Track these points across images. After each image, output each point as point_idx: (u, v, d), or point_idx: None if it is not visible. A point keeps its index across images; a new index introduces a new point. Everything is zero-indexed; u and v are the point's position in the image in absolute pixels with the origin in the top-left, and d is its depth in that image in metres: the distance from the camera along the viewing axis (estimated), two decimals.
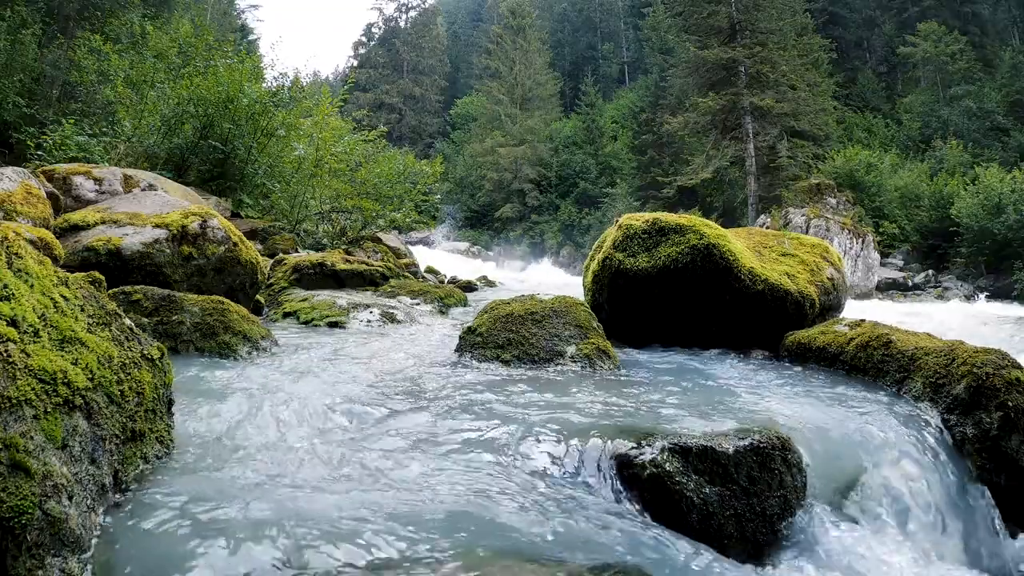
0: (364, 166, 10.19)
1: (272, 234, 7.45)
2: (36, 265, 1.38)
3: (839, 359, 2.76)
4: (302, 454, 1.61)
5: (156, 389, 1.53)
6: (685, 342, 3.36)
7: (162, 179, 6.14)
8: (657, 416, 1.94)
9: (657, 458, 1.56)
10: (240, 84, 8.35)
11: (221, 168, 8.65)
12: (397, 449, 1.65)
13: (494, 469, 1.56)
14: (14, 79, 12.57)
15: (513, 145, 38.32)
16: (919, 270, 22.09)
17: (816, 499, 1.70)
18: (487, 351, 2.77)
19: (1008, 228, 19.55)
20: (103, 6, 15.53)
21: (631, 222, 3.37)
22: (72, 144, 8.03)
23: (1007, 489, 2.01)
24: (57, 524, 1.03)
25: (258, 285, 4.09)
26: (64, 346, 1.27)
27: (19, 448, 1.02)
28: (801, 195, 22.92)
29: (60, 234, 3.47)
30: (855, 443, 1.93)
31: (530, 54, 41.64)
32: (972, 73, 31.89)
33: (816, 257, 3.76)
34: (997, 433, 2.05)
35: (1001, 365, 2.16)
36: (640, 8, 45.33)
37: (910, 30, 34.04)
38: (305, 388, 2.23)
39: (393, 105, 48.39)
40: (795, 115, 25.40)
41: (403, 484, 1.46)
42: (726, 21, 26.50)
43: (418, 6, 55.32)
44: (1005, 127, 28.40)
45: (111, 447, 1.29)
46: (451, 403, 2.08)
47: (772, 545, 1.56)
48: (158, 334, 2.55)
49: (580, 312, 2.99)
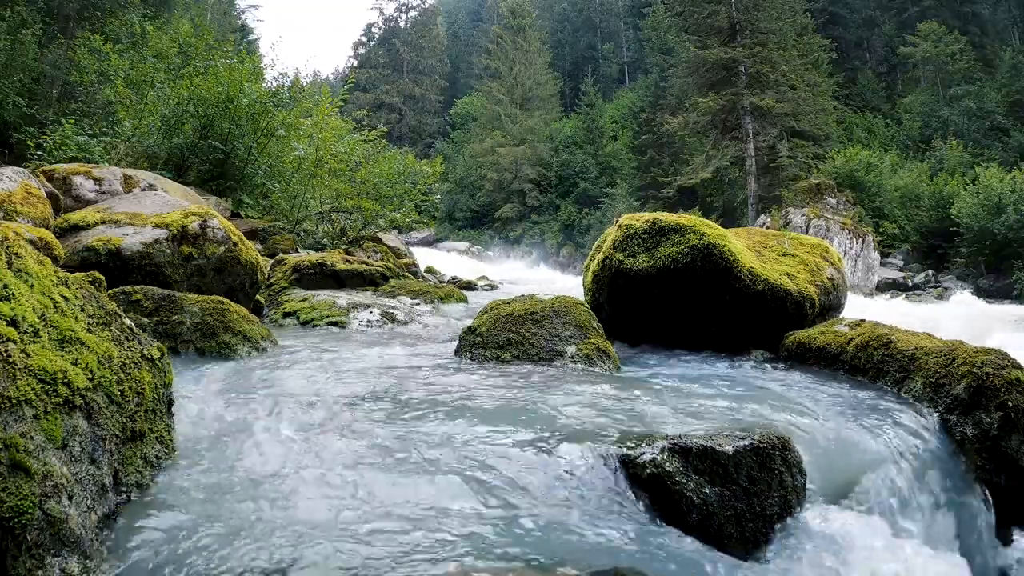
0: (364, 166, 10.19)
1: (272, 234, 7.45)
2: (36, 265, 1.38)
3: (839, 359, 2.76)
4: (302, 453, 1.61)
5: (156, 389, 1.53)
6: (685, 342, 3.36)
7: (162, 179, 6.14)
8: (657, 416, 1.94)
9: (657, 458, 1.56)
10: (240, 84, 8.35)
11: (221, 168, 8.65)
12: (396, 449, 1.65)
13: (493, 469, 1.56)
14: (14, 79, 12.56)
15: (513, 145, 38.32)
16: (919, 270, 22.10)
17: (816, 499, 1.70)
18: (487, 351, 2.77)
19: (1008, 228, 19.55)
20: (103, 6, 15.53)
21: (631, 222, 3.37)
22: (72, 144, 8.03)
23: (1007, 489, 2.01)
24: (57, 524, 1.03)
25: (258, 285, 4.09)
26: (64, 346, 1.27)
27: (19, 448, 1.02)
28: (801, 195, 22.92)
29: (60, 234, 3.47)
30: (855, 443, 1.93)
31: (530, 54, 41.66)
32: (972, 73, 31.90)
33: (816, 257, 3.76)
34: (997, 433, 2.05)
35: (1001, 365, 2.17)
36: (640, 8, 45.33)
37: (910, 30, 34.05)
38: (305, 388, 2.23)
39: (393, 105, 48.41)
40: (795, 115, 25.41)
41: (403, 484, 1.46)
42: (726, 21, 26.50)
43: (418, 6, 55.35)
44: (1005, 127, 28.41)
45: (111, 447, 1.29)
46: (450, 403, 2.08)
47: (772, 544, 1.56)
48: (158, 334, 2.55)
49: (580, 312, 2.99)
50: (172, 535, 1.19)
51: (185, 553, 1.14)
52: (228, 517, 1.25)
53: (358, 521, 1.28)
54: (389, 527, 1.26)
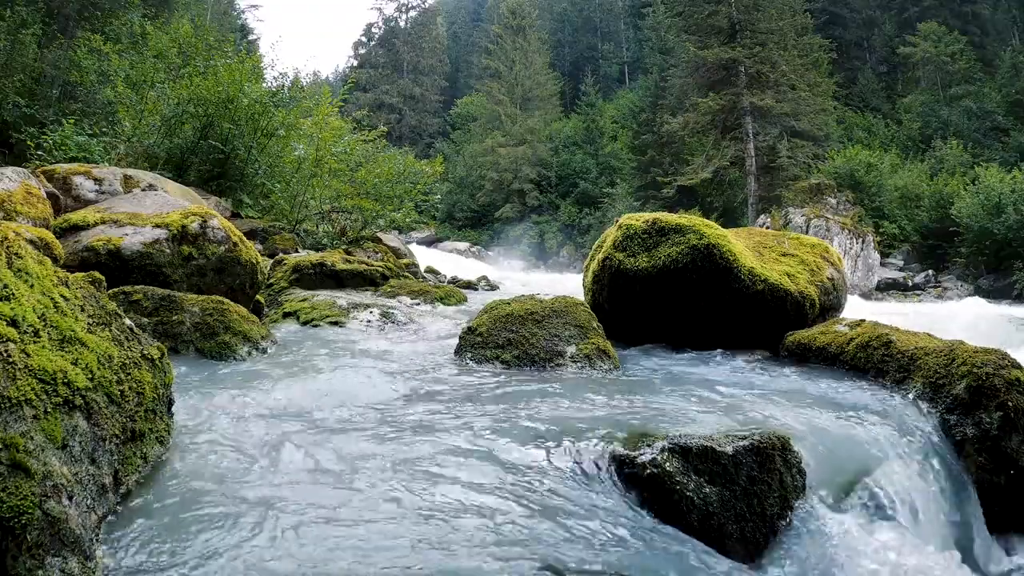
0: (364, 166, 10.18)
1: (272, 234, 7.45)
2: (36, 265, 1.38)
3: (839, 359, 2.75)
4: (301, 453, 1.61)
5: (156, 389, 1.53)
6: (685, 342, 3.36)
7: (162, 179, 6.14)
8: (657, 416, 1.94)
9: (657, 458, 1.56)
10: (240, 84, 8.35)
11: (221, 168, 8.64)
12: (396, 448, 1.65)
13: (494, 469, 1.56)
14: (14, 79, 12.55)
15: (513, 145, 38.31)
16: (919, 270, 22.08)
17: (815, 499, 1.70)
18: (487, 351, 2.77)
19: (1008, 228, 19.53)
20: (103, 6, 15.52)
21: (631, 222, 3.37)
22: (72, 144, 8.02)
23: (1007, 489, 2.01)
24: (57, 524, 1.03)
25: (258, 285, 4.08)
26: (64, 346, 1.27)
27: (19, 448, 1.02)
28: (801, 195, 22.91)
29: (60, 234, 3.47)
30: (854, 443, 1.93)
31: (530, 54, 41.64)
32: (972, 73, 31.91)
33: (816, 257, 3.76)
34: (997, 433, 2.06)
35: (1001, 365, 2.17)
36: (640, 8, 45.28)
37: (910, 30, 34.05)
38: (304, 388, 2.23)
39: (393, 105, 48.37)
40: (795, 115, 25.39)
41: (402, 483, 1.46)
42: (726, 21, 26.48)
43: (418, 6, 55.29)
44: (1005, 127, 28.41)
45: (111, 447, 1.29)
46: (450, 403, 2.08)
47: (772, 544, 1.56)
48: (158, 334, 2.55)
49: (580, 312, 2.99)
50: (173, 534, 1.19)
51: (185, 552, 1.13)
52: (228, 516, 1.25)
53: (357, 519, 1.28)
54: (389, 526, 1.26)
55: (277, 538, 1.18)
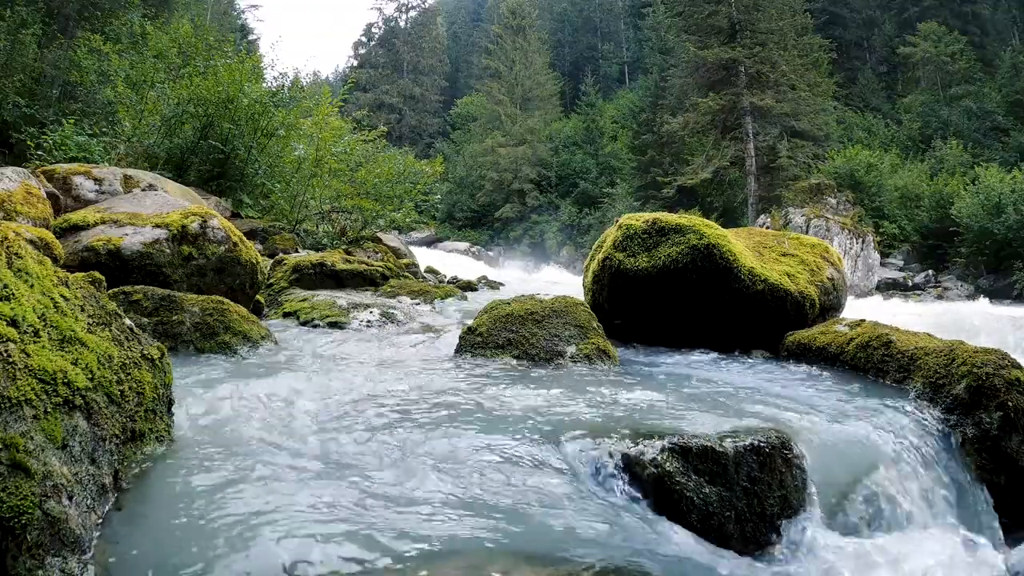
0: (364, 166, 10.18)
1: (272, 234, 7.44)
2: (36, 265, 1.38)
3: (839, 359, 2.76)
4: (301, 453, 1.61)
5: (156, 389, 1.53)
6: (685, 342, 3.36)
7: (162, 179, 6.13)
8: (657, 416, 1.94)
9: (657, 458, 1.56)
10: (240, 84, 8.34)
11: (221, 168, 8.64)
12: (395, 448, 1.65)
13: (494, 469, 1.56)
14: (14, 79, 12.55)
15: (513, 145, 38.30)
16: (919, 270, 22.09)
17: (816, 498, 1.70)
18: (487, 351, 2.77)
19: (1008, 228, 19.52)
20: (103, 6, 15.51)
21: (631, 222, 3.37)
22: (72, 144, 8.02)
23: (1007, 489, 2.01)
24: (57, 524, 1.02)
25: (258, 285, 4.08)
26: (64, 346, 1.27)
27: (19, 448, 1.02)
28: (801, 195, 22.91)
29: (60, 234, 3.47)
30: (855, 443, 1.93)
31: (530, 54, 41.63)
32: (972, 73, 31.91)
33: (816, 257, 3.76)
34: (997, 433, 2.06)
35: (1001, 365, 2.17)
36: (640, 8, 45.28)
37: (910, 30, 34.06)
38: (304, 388, 2.23)
39: (393, 105, 48.35)
40: (795, 115, 25.38)
41: (402, 483, 1.46)
42: (726, 21, 26.47)
43: (418, 6, 55.27)
44: (1005, 127, 28.41)
45: (111, 447, 1.29)
46: (450, 403, 2.08)
47: (772, 544, 1.56)
48: (158, 334, 2.55)
49: (580, 312, 2.99)
50: (172, 534, 1.19)
51: (185, 552, 1.13)
52: (228, 516, 1.25)
53: (356, 520, 1.28)
54: (386, 523, 1.26)
55: (277, 538, 1.18)
